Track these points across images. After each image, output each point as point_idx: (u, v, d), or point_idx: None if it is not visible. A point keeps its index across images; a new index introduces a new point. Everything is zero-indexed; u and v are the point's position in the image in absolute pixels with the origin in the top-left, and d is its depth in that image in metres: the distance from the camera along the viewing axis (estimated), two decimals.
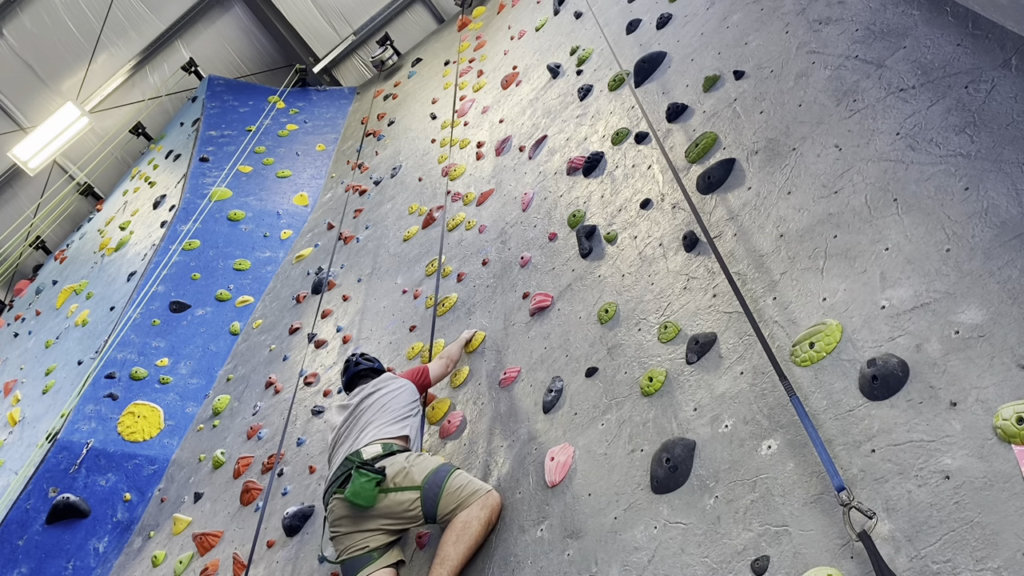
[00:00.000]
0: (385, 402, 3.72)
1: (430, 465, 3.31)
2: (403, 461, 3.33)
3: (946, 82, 2.86)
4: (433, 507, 3.19)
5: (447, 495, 3.18)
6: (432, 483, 3.22)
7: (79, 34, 12.87)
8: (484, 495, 3.18)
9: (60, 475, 5.89)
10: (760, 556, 2.23)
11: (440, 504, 3.17)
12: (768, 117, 3.62)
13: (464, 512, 3.13)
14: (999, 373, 2.05)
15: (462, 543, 3.04)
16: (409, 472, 3.26)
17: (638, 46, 5.37)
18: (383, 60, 12.37)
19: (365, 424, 3.62)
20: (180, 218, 8.68)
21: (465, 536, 3.06)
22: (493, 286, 4.83)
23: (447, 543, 3.04)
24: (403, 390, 3.83)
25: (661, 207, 3.89)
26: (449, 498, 3.18)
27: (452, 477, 3.24)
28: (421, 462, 3.33)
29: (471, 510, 3.13)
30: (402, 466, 3.30)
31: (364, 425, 3.62)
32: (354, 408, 3.77)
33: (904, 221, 2.62)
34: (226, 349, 7.46)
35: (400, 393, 3.80)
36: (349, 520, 3.28)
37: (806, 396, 2.48)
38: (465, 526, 3.08)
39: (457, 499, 3.17)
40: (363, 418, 3.67)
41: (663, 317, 3.33)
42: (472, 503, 3.16)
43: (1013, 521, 1.80)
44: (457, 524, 3.09)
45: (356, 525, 3.26)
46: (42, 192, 13.60)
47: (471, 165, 6.65)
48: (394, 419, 3.63)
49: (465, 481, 3.24)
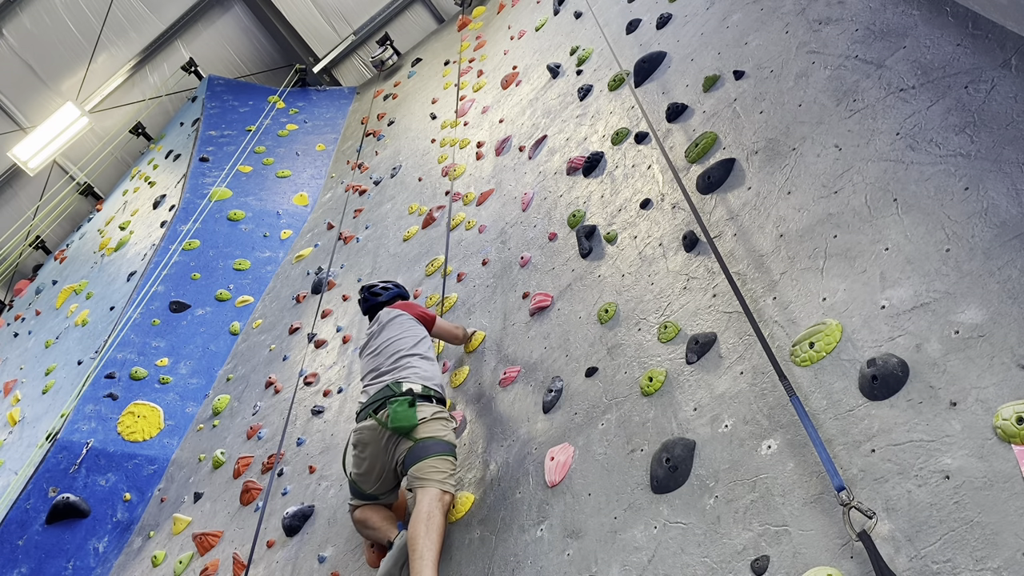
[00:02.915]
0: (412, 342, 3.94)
1: (438, 433, 3.52)
2: (430, 411, 3.58)
3: (946, 82, 2.86)
4: (413, 461, 3.43)
5: (427, 463, 3.40)
6: (426, 446, 3.45)
7: (79, 34, 12.86)
8: (443, 490, 3.35)
9: (60, 475, 5.88)
10: (760, 556, 2.23)
11: (418, 464, 3.41)
12: (768, 117, 3.62)
13: (426, 500, 3.28)
14: (999, 373, 2.06)
15: (432, 532, 3.19)
16: (428, 423, 3.52)
17: (638, 46, 5.37)
18: (383, 60, 12.37)
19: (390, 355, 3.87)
20: (180, 218, 8.67)
21: (432, 525, 3.21)
22: (493, 286, 4.83)
23: (418, 537, 3.17)
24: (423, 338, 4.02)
25: (661, 207, 3.89)
26: (424, 467, 3.39)
27: (442, 457, 3.45)
28: (436, 423, 3.56)
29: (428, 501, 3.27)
30: (427, 414, 3.55)
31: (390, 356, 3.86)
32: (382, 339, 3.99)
33: (904, 221, 2.62)
34: (226, 349, 7.46)
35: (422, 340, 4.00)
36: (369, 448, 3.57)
37: (806, 396, 2.48)
38: (429, 517, 3.23)
39: (428, 474, 3.38)
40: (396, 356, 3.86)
41: (663, 317, 3.33)
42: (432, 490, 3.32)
43: (1013, 521, 1.80)
44: (422, 515, 3.23)
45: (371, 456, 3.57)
46: (42, 192, 13.60)
47: (471, 165, 6.65)
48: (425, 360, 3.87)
49: (448, 468, 3.44)
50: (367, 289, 4.45)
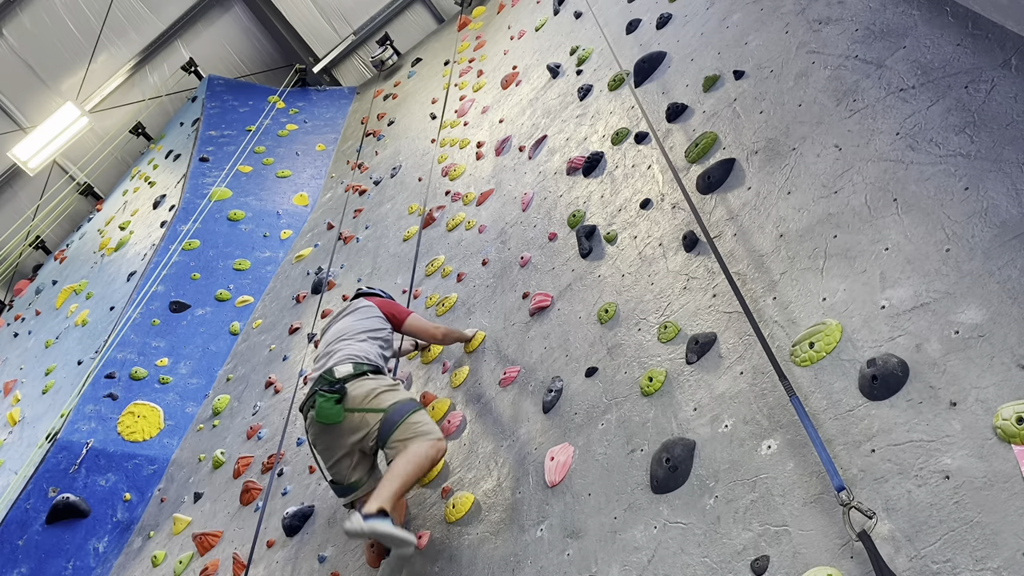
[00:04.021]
0: (355, 321, 3.95)
1: (400, 396, 3.52)
2: (373, 383, 3.52)
3: (946, 82, 2.86)
4: (389, 432, 3.39)
5: (405, 425, 3.39)
6: (396, 411, 3.43)
7: (79, 34, 12.86)
8: (436, 438, 3.38)
9: (60, 475, 5.89)
10: (760, 556, 2.23)
11: (396, 431, 3.37)
12: (768, 117, 3.62)
13: (417, 444, 3.32)
14: (999, 373, 2.06)
15: (411, 465, 3.24)
16: (380, 396, 3.47)
17: (638, 46, 5.37)
18: (383, 60, 12.37)
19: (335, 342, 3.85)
20: (180, 218, 8.67)
21: (414, 459, 3.26)
22: (493, 286, 4.83)
23: (399, 464, 3.24)
24: (374, 317, 4.02)
25: (661, 207, 3.89)
26: (406, 429, 3.38)
27: (415, 412, 3.45)
28: (392, 390, 3.54)
29: (423, 444, 3.33)
30: (372, 387, 3.49)
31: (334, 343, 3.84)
32: (331, 325, 4.05)
33: (904, 221, 2.62)
34: (226, 349, 7.46)
35: (371, 319, 3.99)
36: (326, 437, 3.50)
37: (806, 396, 2.48)
38: (415, 452, 3.28)
39: (412, 432, 3.37)
40: (336, 339, 3.87)
41: (663, 317, 3.33)
42: (425, 440, 3.35)
43: (1013, 521, 1.80)
44: (411, 451, 3.28)
45: (332, 443, 3.50)
46: (42, 192, 13.60)
47: (471, 165, 6.65)
48: (361, 339, 3.83)
49: (425, 420, 3.46)
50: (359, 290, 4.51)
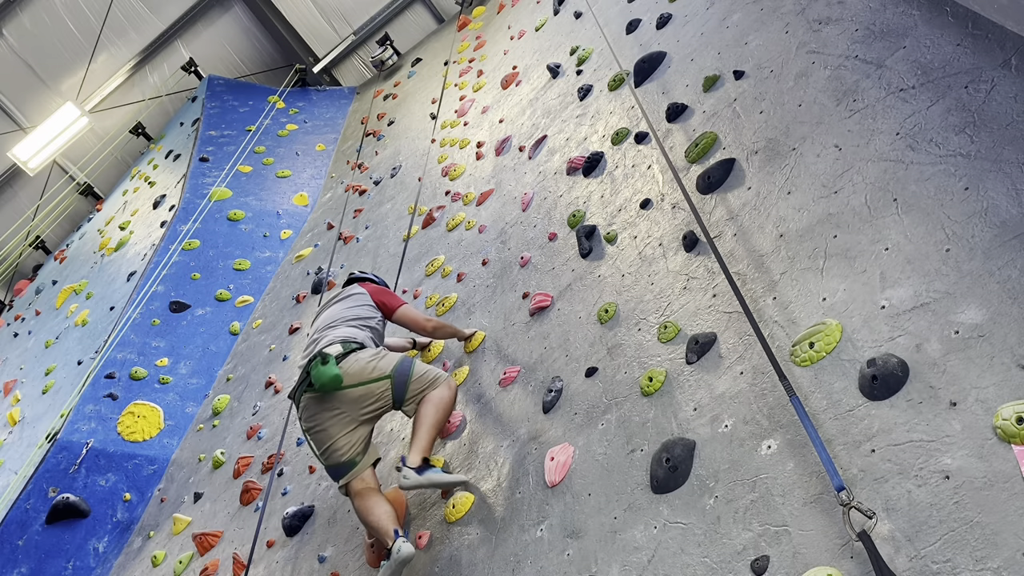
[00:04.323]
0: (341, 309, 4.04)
1: (394, 359, 3.68)
2: (367, 356, 3.67)
3: (946, 82, 2.86)
4: (403, 391, 3.61)
5: (415, 380, 3.63)
6: (400, 371, 3.62)
7: (79, 34, 12.87)
8: (446, 379, 3.69)
9: (60, 475, 5.89)
10: (760, 556, 2.23)
11: (409, 388, 3.61)
12: (768, 117, 3.62)
13: (435, 391, 3.62)
14: (999, 373, 2.06)
15: (439, 410, 3.55)
16: (377, 365, 3.62)
17: (638, 46, 5.37)
18: (383, 60, 12.37)
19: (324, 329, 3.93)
20: (180, 218, 8.67)
21: (440, 404, 3.57)
22: (493, 286, 4.83)
23: (428, 411, 3.53)
24: (363, 306, 4.09)
25: (661, 207, 3.89)
26: (417, 383, 3.63)
27: (416, 365, 3.68)
28: (385, 356, 3.69)
29: (440, 390, 3.63)
30: (366, 359, 3.64)
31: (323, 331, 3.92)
32: (318, 315, 4.13)
33: (904, 221, 2.62)
34: (226, 349, 7.46)
35: (359, 307, 4.08)
36: (323, 415, 3.57)
37: (806, 396, 2.48)
38: (439, 399, 3.58)
39: (424, 382, 3.64)
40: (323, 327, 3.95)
41: (663, 317, 3.33)
42: (439, 385, 3.65)
43: (1013, 521, 1.80)
44: (434, 398, 3.58)
45: (330, 419, 3.56)
46: (42, 192, 13.60)
47: (471, 165, 6.65)
48: (351, 325, 3.92)
49: (427, 368, 3.71)
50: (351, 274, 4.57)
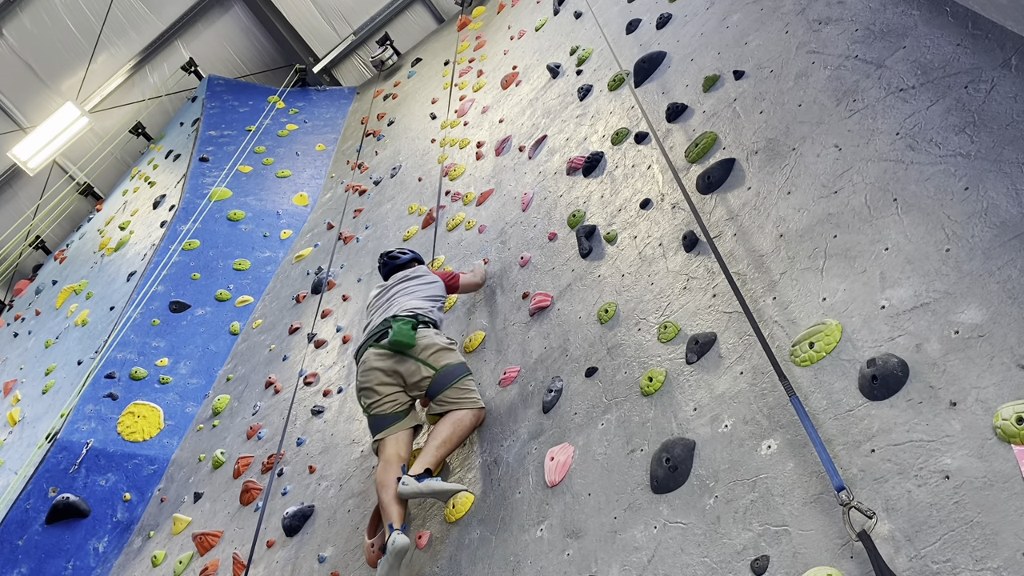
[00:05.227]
0: (418, 286, 4.34)
1: (454, 359, 3.92)
2: (435, 338, 3.94)
3: (946, 82, 2.86)
4: (438, 391, 3.82)
5: (454, 388, 3.83)
6: (448, 373, 3.85)
7: (79, 34, 12.86)
8: (479, 408, 3.84)
9: (60, 475, 5.89)
10: (760, 556, 2.23)
11: (445, 392, 3.81)
12: (768, 117, 3.62)
13: (462, 412, 3.78)
14: (999, 373, 2.06)
15: (456, 432, 3.71)
16: (437, 353, 3.88)
17: (638, 46, 5.37)
18: (383, 60, 12.37)
19: (399, 298, 4.24)
20: (180, 218, 8.67)
21: (459, 427, 3.72)
22: (493, 286, 4.83)
23: (444, 426, 3.70)
24: (435, 283, 4.41)
25: (661, 207, 3.89)
26: (454, 392, 3.82)
27: (465, 378, 3.88)
28: (448, 349, 3.94)
29: (467, 413, 3.79)
30: (433, 342, 3.91)
31: (398, 299, 4.24)
32: (391, 287, 4.39)
33: (904, 221, 2.62)
34: (226, 349, 7.46)
35: (432, 284, 4.39)
36: (378, 373, 3.87)
37: (806, 396, 2.48)
38: (460, 420, 3.75)
39: (459, 396, 3.82)
40: (398, 296, 4.27)
41: (663, 317, 3.33)
42: (467, 408, 3.80)
43: (1013, 521, 1.80)
44: (455, 416, 3.76)
45: (384, 379, 3.87)
46: (42, 192, 13.60)
47: (471, 165, 6.65)
48: (424, 299, 4.24)
49: (472, 387, 3.90)
50: (386, 255, 4.75)
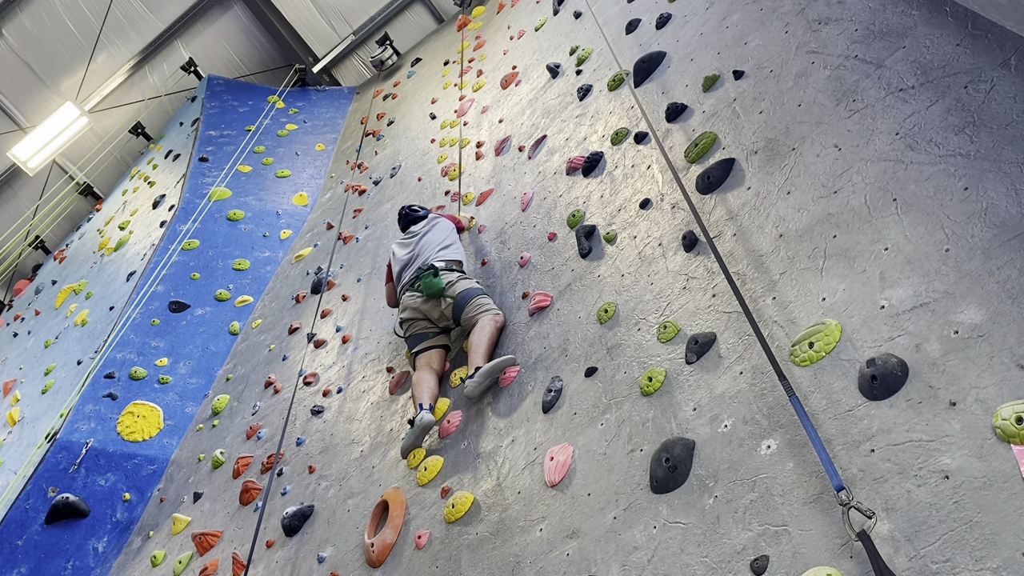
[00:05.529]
0: (436, 234, 5.12)
1: (467, 285, 4.64)
2: (451, 276, 4.72)
3: (945, 82, 2.86)
4: (460, 314, 4.53)
5: (471, 306, 4.50)
6: (463, 297, 4.56)
7: (79, 34, 12.85)
8: (495, 313, 4.44)
9: (59, 475, 5.88)
10: (759, 556, 2.23)
11: (465, 311, 4.50)
12: (768, 117, 3.62)
13: (481, 319, 4.39)
14: (998, 373, 2.06)
15: (483, 335, 4.26)
16: (455, 285, 4.64)
17: (638, 46, 5.37)
18: (383, 60, 12.36)
19: (427, 249, 5.01)
20: (179, 218, 8.67)
21: (484, 332, 4.28)
22: (493, 286, 4.84)
23: (473, 336, 4.29)
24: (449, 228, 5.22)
25: (661, 207, 3.90)
26: (472, 308, 4.49)
27: (478, 297, 4.54)
28: (462, 281, 4.68)
29: (485, 320, 4.37)
30: (450, 280, 4.68)
31: (426, 249, 5.01)
32: (417, 240, 5.13)
33: (903, 221, 2.63)
34: (225, 349, 7.45)
35: (445, 227, 5.20)
36: (415, 310, 4.71)
37: (805, 396, 2.48)
38: (483, 327, 4.31)
39: (476, 309, 4.47)
40: (426, 247, 5.03)
41: (662, 317, 3.33)
42: (487, 314, 4.41)
43: (1013, 521, 1.80)
44: (478, 326, 4.34)
45: (417, 316, 4.70)
46: (42, 192, 13.59)
47: (470, 165, 6.65)
48: (444, 246, 5.02)
49: (486, 300, 4.52)
50: (407, 207, 5.50)
